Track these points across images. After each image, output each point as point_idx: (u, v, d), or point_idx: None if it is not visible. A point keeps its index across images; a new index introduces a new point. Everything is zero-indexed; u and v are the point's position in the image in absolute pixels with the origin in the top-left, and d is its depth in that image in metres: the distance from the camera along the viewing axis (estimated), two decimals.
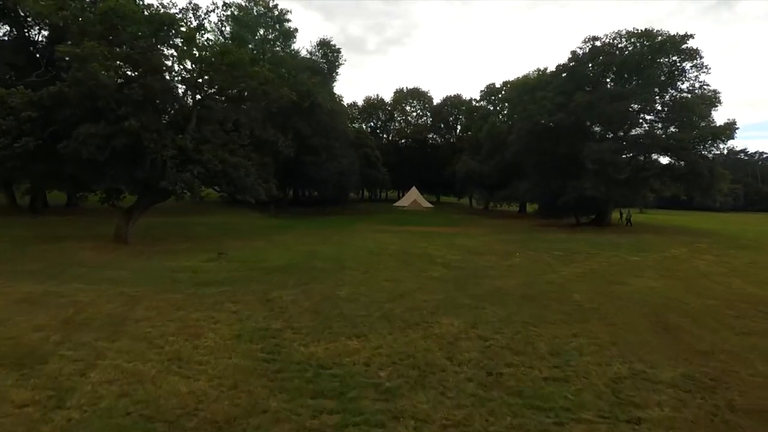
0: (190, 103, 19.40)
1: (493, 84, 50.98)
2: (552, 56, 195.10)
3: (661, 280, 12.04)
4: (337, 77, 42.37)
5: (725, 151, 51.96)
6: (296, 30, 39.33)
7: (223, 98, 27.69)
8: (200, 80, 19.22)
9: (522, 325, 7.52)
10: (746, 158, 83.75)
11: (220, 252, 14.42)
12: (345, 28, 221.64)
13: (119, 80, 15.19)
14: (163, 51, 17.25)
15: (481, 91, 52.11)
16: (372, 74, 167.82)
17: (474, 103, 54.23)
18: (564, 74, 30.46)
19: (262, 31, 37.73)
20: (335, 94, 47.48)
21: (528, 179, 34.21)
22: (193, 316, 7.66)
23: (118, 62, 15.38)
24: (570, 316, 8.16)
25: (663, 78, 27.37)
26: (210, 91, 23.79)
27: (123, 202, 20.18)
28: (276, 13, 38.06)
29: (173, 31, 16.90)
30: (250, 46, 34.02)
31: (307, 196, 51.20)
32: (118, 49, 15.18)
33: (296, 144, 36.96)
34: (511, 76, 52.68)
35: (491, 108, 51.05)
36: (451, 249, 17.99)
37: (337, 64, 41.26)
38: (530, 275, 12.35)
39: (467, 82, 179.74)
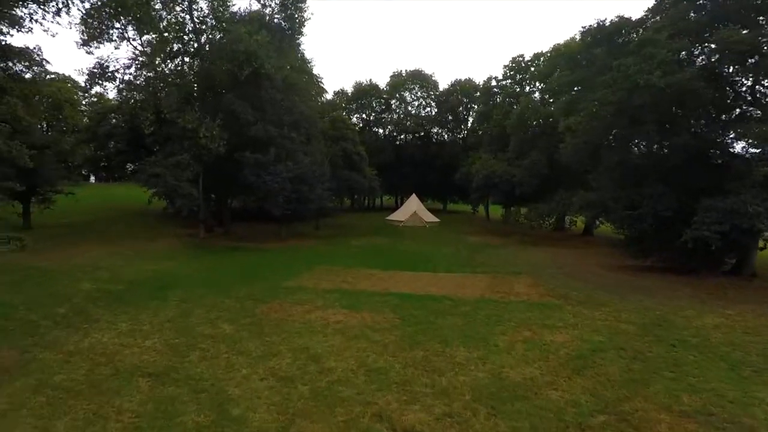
0: None
1: (522, 57, 37.82)
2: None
3: None
4: (302, 39, 29.43)
5: None
6: None
7: None
8: None
9: None
10: None
11: None
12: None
13: None
14: None
15: (505, 67, 38.91)
16: (366, 63, 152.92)
17: (494, 82, 41.06)
18: (668, 9, 17.24)
19: None
20: (310, 69, 34.66)
21: (590, 188, 21.15)
22: None
23: None
24: None
25: None
26: None
27: None
28: None
29: None
30: None
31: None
32: None
33: (232, 134, 24.17)
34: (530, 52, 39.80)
35: (518, 89, 37.85)
36: None
37: (300, 19, 28.31)
38: None
39: (473, 67, 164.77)
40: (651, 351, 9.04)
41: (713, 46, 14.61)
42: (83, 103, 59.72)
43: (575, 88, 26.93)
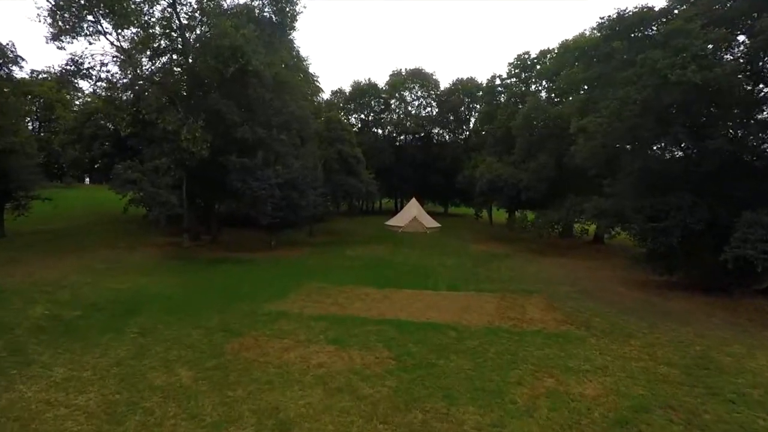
0: None
1: (527, 54, 36.02)
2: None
3: None
4: (295, 35, 27.67)
5: None
6: None
7: None
8: None
9: None
10: None
11: None
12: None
13: None
14: None
15: (510, 65, 37.08)
16: (365, 62, 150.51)
17: (498, 81, 39.29)
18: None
19: None
20: (305, 67, 32.97)
21: (604, 194, 19.30)
22: None
23: None
24: None
25: None
26: None
27: None
28: None
29: None
30: None
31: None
32: None
33: (216, 136, 22.43)
34: (534, 50, 38.07)
35: (524, 88, 36.02)
36: None
37: (292, 13, 26.49)
38: None
39: (475, 65, 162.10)
40: (707, 411, 7.24)
41: (747, 38, 12.78)
42: (76, 103, 57.83)
43: (584, 86, 25.15)
